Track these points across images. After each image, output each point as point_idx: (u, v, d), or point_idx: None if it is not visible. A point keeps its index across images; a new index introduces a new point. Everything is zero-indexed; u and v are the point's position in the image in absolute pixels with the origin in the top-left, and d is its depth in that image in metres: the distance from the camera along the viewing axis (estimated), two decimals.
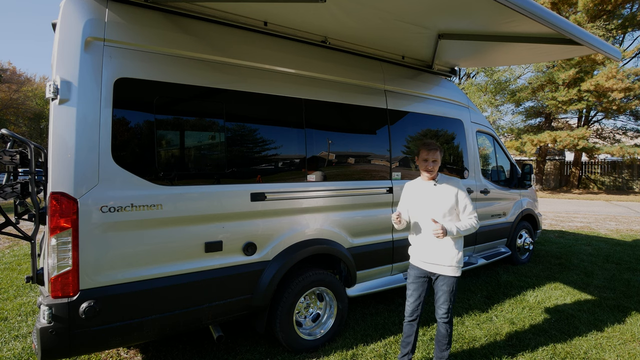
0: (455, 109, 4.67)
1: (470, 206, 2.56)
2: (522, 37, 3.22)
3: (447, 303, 2.55)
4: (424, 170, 2.64)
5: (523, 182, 5.67)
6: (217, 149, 2.75)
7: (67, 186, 2.12)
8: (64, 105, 2.14)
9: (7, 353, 3.00)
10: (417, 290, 2.66)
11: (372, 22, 3.07)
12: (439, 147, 2.63)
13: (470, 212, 2.55)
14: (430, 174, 2.62)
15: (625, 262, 5.94)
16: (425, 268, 2.62)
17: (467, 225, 2.50)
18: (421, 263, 2.64)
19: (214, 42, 2.77)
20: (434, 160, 2.58)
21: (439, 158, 2.60)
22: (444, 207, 2.54)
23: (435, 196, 2.59)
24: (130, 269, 2.33)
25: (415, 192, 2.71)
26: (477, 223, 2.53)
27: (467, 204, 2.56)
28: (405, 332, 2.71)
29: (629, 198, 18.18)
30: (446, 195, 2.56)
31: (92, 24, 2.27)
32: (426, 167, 2.60)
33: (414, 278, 2.68)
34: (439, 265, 2.55)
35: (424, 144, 2.62)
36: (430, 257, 2.58)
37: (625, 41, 22.21)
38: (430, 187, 2.64)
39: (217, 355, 3.01)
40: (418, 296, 2.65)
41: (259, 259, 2.85)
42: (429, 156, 2.58)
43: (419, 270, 2.67)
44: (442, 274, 2.55)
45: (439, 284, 2.59)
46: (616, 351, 3.13)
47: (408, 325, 2.69)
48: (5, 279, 4.93)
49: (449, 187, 2.58)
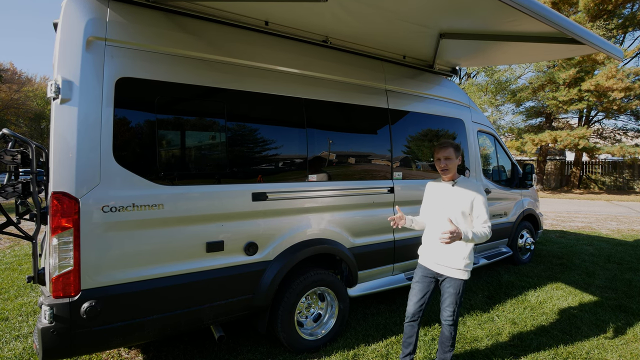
0: (457, 108, 4.67)
1: (485, 215, 2.42)
2: (524, 37, 3.21)
3: (453, 305, 2.49)
4: (439, 170, 2.56)
5: (524, 182, 5.66)
6: (219, 149, 2.74)
7: (69, 186, 2.11)
8: (66, 104, 2.14)
9: (8, 353, 3.00)
10: (422, 291, 2.59)
11: (373, 22, 3.06)
12: (452, 143, 2.52)
13: (484, 222, 2.41)
14: (445, 173, 2.52)
15: (626, 262, 5.93)
16: (433, 269, 2.56)
17: (481, 233, 2.36)
18: (430, 263, 2.58)
19: (215, 42, 2.77)
20: (446, 158, 2.47)
21: (453, 155, 2.48)
22: (458, 210, 2.45)
23: (452, 198, 2.50)
24: (132, 269, 2.33)
25: (433, 192, 2.66)
26: (489, 233, 2.39)
27: (482, 212, 2.43)
28: (407, 333, 2.66)
29: (629, 198, 18.16)
30: (463, 198, 2.46)
31: (94, 24, 2.26)
32: (439, 166, 2.52)
33: (421, 277, 2.62)
34: (448, 267, 2.49)
35: (437, 144, 2.55)
36: (440, 259, 2.52)
37: (625, 41, 22.22)
38: (447, 188, 2.56)
39: (218, 356, 3.01)
40: (422, 296, 2.59)
41: (260, 259, 2.84)
42: (440, 154, 2.49)
43: (426, 270, 2.61)
44: (450, 276, 2.49)
45: (445, 286, 2.53)
46: (618, 351, 3.12)
47: (409, 326, 2.64)
48: (7, 279, 4.93)
49: (468, 190, 2.46)
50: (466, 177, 2.58)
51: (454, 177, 2.56)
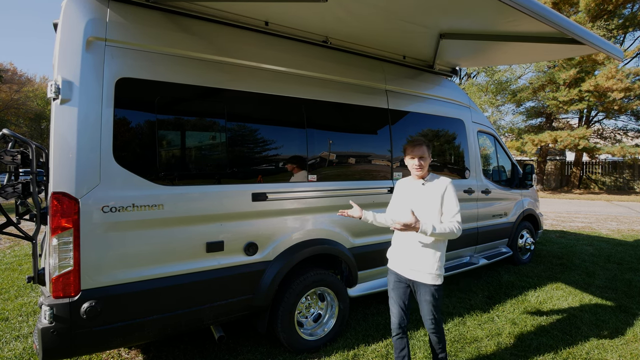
0: (457, 108, 4.67)
1: (454, 209, 2.31)
2: (524, 37, 3.21)
3: (432, 314, 2.35)
4: (411, 169, 2.45)
5: (524, 182, 5.66)
6: (219, 149, 2.74)
7: (69, 186, 2.12)
8: (66, 105, 2.14)
9: (8, 353, 3.00)
10: (400, 298, 2.47)
11: (373, 22, 3.06)
12: (425, 141, 2.42)
13: (452, 216, 2.29)
14: (419, 172, 2.42)
15: (626, 262, 5.93)
16: (403, 274, 2.43)
17: (446, 229, 2.22)
18: (401, 268, 2.46)
19: (215, 42, 2.77)
20: (420, 157, 2.38)
21: (426, 154, 2.39)
22: (429, 208, 2.34)
23: (422, 196, 2.40)
24: (132, 269, 2.33)
25: (403, 191, 2.55)
26: (458, 229, 2.24)
27: (452, 205, 2.32)
28: (397, 347, 2.48)
29: (630, 198, 18.16)
30: (433, 195, 2.36)
31: (94, 24, 2.27)
32: (413, 165, 2.42)
33: (394, 284, 2.50)
34: (417, 272, 2.35)
35: (408, 142, 2.44)
36: (408, 262, 2.39)
37: (625, 41, 22.21)
38: (418, 186, 2.45)
39: (218, 356, 3.01)
40: (402, 304, 2.46)
41: (260, 259, 2.84)
42: (414, 153, 2.39)
43: (397, 275, 2.49)
44: (421, 281, 2.35)
45: (420, 295, 2.39)
46: (618, 351, 3.12)
47: (398, 341, 2.47)
48: (6, 279, 4.93)
49: (438, 186, 2.37)
50: (435, 174, 2.48)
51: (424, 175, 2.46)
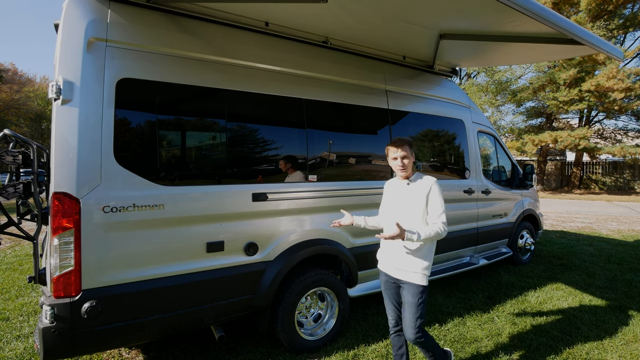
0: (457, 109, 4.67)
1: (440, 208, 2.28)
2: (524, 37, 3.22)
3: (414, 318, 2.28)
4: (395, 170, 2.42)
5: (524, 183, 5.66)
6: (219, 149, 2.75)
7: (70, 186, 2.12)
8: (67, 105, 2.15)
9: (9, 353, 3.00)
10: (392, 297, 2.48)
11: (373, 23, 3.07)
12: (408, 141, 2.39)
13: (437, 216, 2.26)
14: (402, 173, 2.39)
15: (627, 263, 5.92)
16: (392, 274, 2.42)
17: (432, 233, 2.20)
18: (388, 268, 2.45)
19: (216, 43, 2.78)
20: (403, 157, 2.34)
21: (409, 153, 2.35)
22: (414, 208, 2.32)
23: (407, 197, 2.37)
24: (132, 269, 2.34)
25: (390, 192, 2.53)
26: (443, 230, 2.22)
27: (437, 205, 2.28)
28: (395, 345, 2.51)
29: (630, 198, 18.15)
30: (418, 195, 2.32)
31: (95, 25, 2.27)
32: (396, 165, 2.38)
33: (385, 283, 2.51)
34: (404, 271, 2.34)
35: (390, 142, 2.43)
36: (393, 262, 2.39)
37: (626, 41, 22.19)
38: (403, 186, 2.42)
39: (218, 356, 3.01)
40: (395, 302, 2.47)
41: (260, 259, 2.85)
42: (397, 153, 2.35)
43: (386, 275, 2.48)
44: (407, 280, 2.33)
45: (404, 295, 2.36)
46: (618, 352, 3.12)
47: (396, 338, 2.50)
48: (7, 279, 4.94)
49: (422, 187, 2.33)
50: (420, 173, 2.44)
51: (409, 175, 2.42)
